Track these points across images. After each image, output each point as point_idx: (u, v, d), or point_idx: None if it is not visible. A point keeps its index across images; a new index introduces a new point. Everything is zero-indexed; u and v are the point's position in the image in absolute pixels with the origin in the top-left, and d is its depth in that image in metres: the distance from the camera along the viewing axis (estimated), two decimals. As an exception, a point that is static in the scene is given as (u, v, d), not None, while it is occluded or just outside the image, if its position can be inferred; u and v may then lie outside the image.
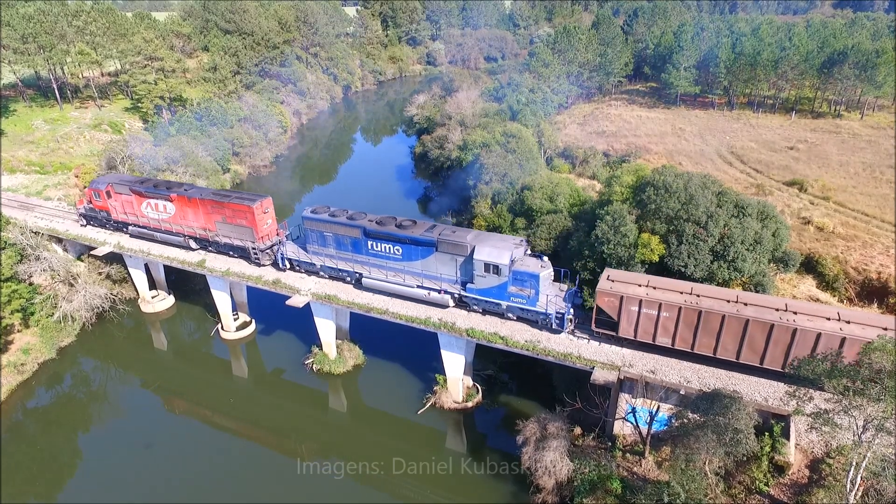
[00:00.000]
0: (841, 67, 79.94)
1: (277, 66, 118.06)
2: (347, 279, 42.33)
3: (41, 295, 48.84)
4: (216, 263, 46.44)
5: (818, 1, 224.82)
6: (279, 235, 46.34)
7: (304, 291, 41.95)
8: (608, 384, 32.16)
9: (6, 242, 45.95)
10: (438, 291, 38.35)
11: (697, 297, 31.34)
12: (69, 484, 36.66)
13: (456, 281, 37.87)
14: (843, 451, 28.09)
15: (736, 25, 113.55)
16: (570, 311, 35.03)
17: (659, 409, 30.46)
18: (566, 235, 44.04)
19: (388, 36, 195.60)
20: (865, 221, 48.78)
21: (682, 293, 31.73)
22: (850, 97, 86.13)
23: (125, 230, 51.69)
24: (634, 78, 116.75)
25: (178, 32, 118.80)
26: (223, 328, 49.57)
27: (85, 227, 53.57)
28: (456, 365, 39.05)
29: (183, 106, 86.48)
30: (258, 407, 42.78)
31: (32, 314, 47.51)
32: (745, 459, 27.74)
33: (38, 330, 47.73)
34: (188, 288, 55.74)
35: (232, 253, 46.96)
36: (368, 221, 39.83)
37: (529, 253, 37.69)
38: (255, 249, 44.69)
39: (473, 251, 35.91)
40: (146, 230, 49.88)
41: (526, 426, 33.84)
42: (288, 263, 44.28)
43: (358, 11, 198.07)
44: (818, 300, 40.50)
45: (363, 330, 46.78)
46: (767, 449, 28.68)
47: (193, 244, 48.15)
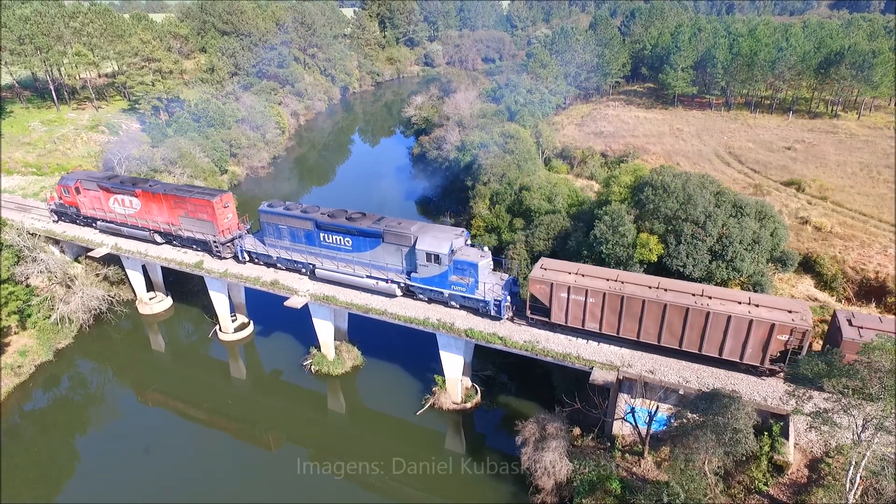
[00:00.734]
0: (837, 68, 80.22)
1: (275, 67, 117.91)
2: (303, 270, 43.90)
3: (38, 297, 48.63)
4: (214, 265, 46.37)
5: (815, 1, 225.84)
6: (240, 229, 47.52)
7: (302, 292, 41.86)
8: (607, 384, 32.15)
9: (3, 244, 45.76)
10: (386, 281, 39.82)
11: (622, 283, 32.97)
12: (67, 486, 36.48)
13: (402, 271, 39.36)
14: (842, 450, 28.08)
15: (733, 26, 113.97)
16: (506, 298, 36.37)
17: (658, 409, 30.43)
18: (565, 236, 44.03)
19: (385, 37, 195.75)
20: (863, 221, 48.89)
21: (607, 280, 33.41)
22: (846, 97, 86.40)
23: (94, 225, 52.86)
24: (632, 79, 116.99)
25: (175, 34, 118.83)
26: (221, 330, 49.44)
27: (57, 222, 54.68)
28: (455, 365, 38.98)
29: (180, 107, 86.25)
30: (257, 408, 42.64)
31: (29, 316, 47.29)
32: (744, 459, 27.74)
33: (34, 332, 47.50)
34: (186, 289, 55.56)
35: (195, 247, 48.33)
36: (321, 214, 41.53)
37: (470, 243, 39.31)
38: (216, 243, 46.10)
39: (416, 241, 37.41)
40: (113, 225, 51.25)
41: (525, 427, 33.79)
42: (247, 256, 45.86)
43: (355, 12, 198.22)
44: (816, 300, 40.57)
45: (361, 331, 46.69)
46: (766, 448, 28.65)
47: (159, 238, 49.54)
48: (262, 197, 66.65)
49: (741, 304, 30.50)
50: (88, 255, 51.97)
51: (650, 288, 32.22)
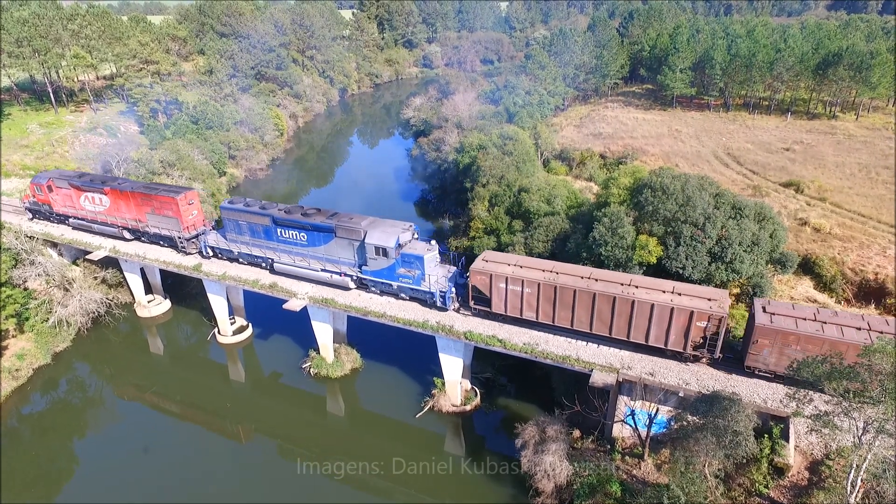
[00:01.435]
0: (836, 69, 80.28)
1: (273, 69, 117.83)
2: (262, 265, 45.35)
3: (36, 300, 48.46)
4: (212, 267, 46.27)
5: (812, 3, 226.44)
6: (205, 225, 48.72)
7: (301, 295, 41.78)
8: (607, 387, 32.09)
9: (1, 247, 45.60)
10: (339, 274, 41.26)
11: (556, 274, 34.39)
12: (66, 488, 36.37)
13: (354, 264, 40.89)
14: (843, 453, 28.01)
15: (731, 27, 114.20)
16: (451, 290, 37.76)
17: (658, 411, 30.38)
18: (564, 237, 43.94)
19: (384, 39, 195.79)
20: (862, 222, 48.90)
21: (543, 271, 34.76)
22: (845, 98, 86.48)
23: (67, 223, 53.73)
24: (630, 80, 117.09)
25: (173, 36, 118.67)
26: (220, 332, 49.31)
27: (32, 219, 55.57)
28: (454, 368, 38.90)
29: (179, 109, 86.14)
30: (256, 410, 42.54)
31: (27, 319, 47.12)
32: (744, 462, 27.70)
33: (32, 335, 47.29)
34: (184, 292, 55.41)
35: (162, 243, 49.34)
36: (277, 210, 43.13)
37: (417, 237, 40.40)
38: (181, 239, 47.29)
39: (366, 236, 38.92)
40: (85, 222, 52.37)
41: (525, 429, 33.72)
42: (210, 251, 47.10)
43: (354, 14, 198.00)
44: (816, 301, 40.54)
45: (360, 333, 46.58)
46: (767, 451, 28.60)
47: (128, 235, 50.69)
48: (261, 199, 66.46)
49: (665, 292, 31.99)
50: (86, 257, 51.85)
51: (582, 278, 33.74)
